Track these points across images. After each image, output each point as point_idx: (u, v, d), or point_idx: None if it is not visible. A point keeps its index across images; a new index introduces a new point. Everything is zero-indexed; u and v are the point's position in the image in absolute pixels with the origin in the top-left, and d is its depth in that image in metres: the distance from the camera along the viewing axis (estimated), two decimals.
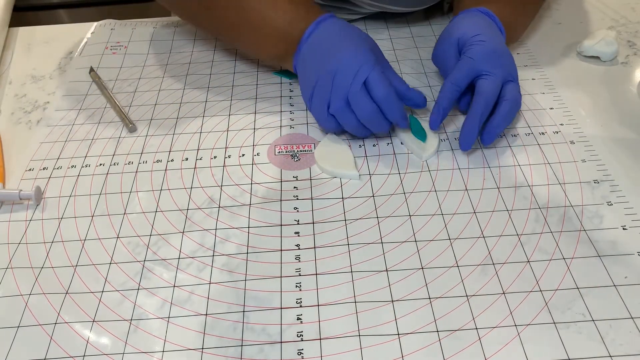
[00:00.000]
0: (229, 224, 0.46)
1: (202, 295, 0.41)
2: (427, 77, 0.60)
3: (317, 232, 0.45)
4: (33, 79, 0.64)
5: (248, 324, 0.39)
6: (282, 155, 0.52)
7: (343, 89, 0.47)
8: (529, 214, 0.45)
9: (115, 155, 0.53)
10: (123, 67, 0.64)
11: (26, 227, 0.46)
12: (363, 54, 0.48)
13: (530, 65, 0.61)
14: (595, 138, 0.52)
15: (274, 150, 0.52)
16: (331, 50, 0.49)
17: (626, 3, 0.71)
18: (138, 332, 0.39)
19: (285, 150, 0.52)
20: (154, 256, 0.44)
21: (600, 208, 0.45)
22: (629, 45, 0.63)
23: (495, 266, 0.41)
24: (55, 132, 0.56)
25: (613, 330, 0.37)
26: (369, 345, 0.37)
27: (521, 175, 0.48)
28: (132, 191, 0.49)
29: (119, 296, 0.41)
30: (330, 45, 0.50)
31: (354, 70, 0.47)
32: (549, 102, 0.56)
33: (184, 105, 0.58)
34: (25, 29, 0.72)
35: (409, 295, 0.40)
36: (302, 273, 0.42)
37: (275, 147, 0.53)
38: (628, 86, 0.58)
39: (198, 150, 0.53)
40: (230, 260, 0.43)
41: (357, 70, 0.47)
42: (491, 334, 0.37)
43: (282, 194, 0.48)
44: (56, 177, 0.51)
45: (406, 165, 0.50)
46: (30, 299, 0.41)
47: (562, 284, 0.40)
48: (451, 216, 0.45)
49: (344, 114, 0.48)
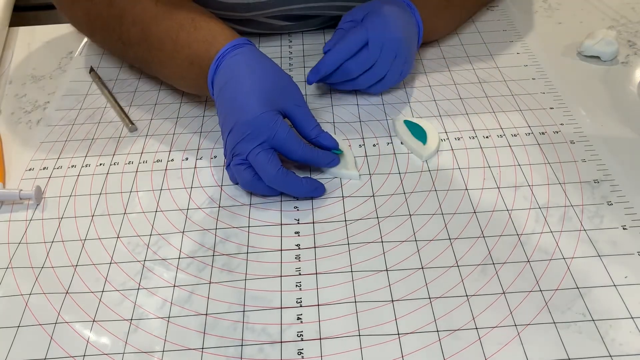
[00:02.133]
0: (229, 223, 0.46)
1: (202, 295, 0.41)
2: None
3: (317, 231, 0.45)
4: (33, 79, 0.64)
5: (248, 324, 0.39)
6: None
7: (243, 150, 0.45)
8: (529, 214, 0.45)
9: (115, 155, 0.53)
10: (123, 67, 0.64)
11: (26, 227, 0.46)
12: (262, 112, 0.44)
13: (530, 65, 0.61)
14: (595, 138, 0.52)
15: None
16: (232, 100, 0.46)
17: (626, 3, 0.71)
18: (138, 332, 0.39)
19: None
20: (154, 256, 0.44)
21: (600, 208, 0.45)
22: (629, 45, 0.63)
23: (495, 266, 0.41)
24: (55, 132, 0.56)
25: (613, 330, 0.37)
26: (369, 345, 0.37)
27: (521, 175, 0.48)
28: (132, 191, 0.49)
29: (119, 296, 0.41)
30: (235, 88, 0.46)
31: (253, 134, 0.44)
32: (549, 102, 0.56)
33: (183, 105, 0.58)
34: (25, 29, 0.72)
35: (409, 295, 0.40)
36: (302, 273, 0.42)
37: None
38: (628, 86, 0.58)
39: (198, 150, 0.53)
40: (230, 260, 0.43)
41: (258, 135, 0.44)
42: (491, 334, 0.37)
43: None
44: (56, 177, 0.51)
45: (406, 165, 0.50)
46: (31, 299, 0.41)
47: (562, 284, 0.40)
48: (451, 216, 0.45)
49: (239, 171, 0.46)
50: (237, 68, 0.47)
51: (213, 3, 0.58)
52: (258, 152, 0.44)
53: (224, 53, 0.48)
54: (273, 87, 0.46)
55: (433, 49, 0.64)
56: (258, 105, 0.45)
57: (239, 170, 0.46)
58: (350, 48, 0.52)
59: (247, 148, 0.44)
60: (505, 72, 0.60)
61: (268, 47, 0.66)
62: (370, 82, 0.55)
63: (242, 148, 0.45)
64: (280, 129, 0.45)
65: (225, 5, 0.59)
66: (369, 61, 0.53)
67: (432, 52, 0.64)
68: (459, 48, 0.64)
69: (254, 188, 0.46)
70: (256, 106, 0.44)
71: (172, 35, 0.51)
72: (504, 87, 0.58)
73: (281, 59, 0.64)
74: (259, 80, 0.46)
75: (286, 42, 0.67)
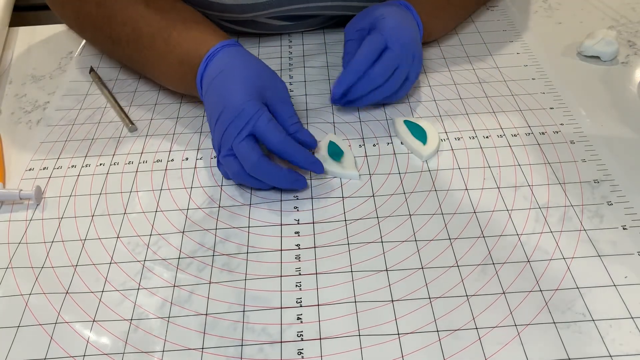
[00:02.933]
0: (229, 223, 0.46)
1: (202, 295, 0.41)
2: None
3: (317, 232, 0.45)
4: (33, 79, 0.64)
5: (248, 324, 0.39)
6: None
7: (228, 139, 0.46)
8: (529, 214, 0.45)
9: (115, 155, 0.53)
10: (123, 67, 0.64)
11: (26, 227, 0.46)
12: (247, 100, 0.46)
13: (530, 65, 0.61)
14: (595, 138, 0.52)
15: None
16: (221, 89, 0.47)
17: (626, 3, 0.71)
18: (138, 332, 0.39)
19: None
20: (154, 256, 0.44)
21: (600, 208, 0.45)
22: (629, 45, 0.63)
23: (495, 266, 0.41)
24: (55, 132, 0.56)
25: (613, 330, 0.37)
26: (369, 345, 0.37)
27: (521, 175, 0.48)
28: (132, 191, 0.49)
29: (119, 296, 0.41)
30: (224, 79, 0.48)
31: (236, 120, 0.45)
32: (549, 102, 0.56)
33: (183, 105, 0.58)
34: (25, 29, 0.72)
35: (409, 295, 0.40)
36: (302, 273, 0.42)
37: None
38: (628, 86, 0.58)
39: (198, 150, 0.53)
40: (230, 260, 0.43)
41: (241, 121, 0.45)
42: (491, 334, 0.37)
43: (282, 193, 0.48)
44: (56, 177, 0.51)
45: (406, 165, 0.50)
46: (31, 299, 0.41)
47: (562, 284, 0.40)
48: (451, 216, 0.45)
49: (228, 162, 0.46)
50: (228, 62, 0.49)
51: (210, 5, 0.59)
52: (240, 141, 0.45)
53: (214, 52, 0.50)
54: (261, 82, 0.48)
55: (433, 49, 0.64)
56: (244, 94, 0.46)
57: (229, 162, 0.46)
58: (371, 54, 0.51)
59: (231, 136, 0.45)
60: (505, 72, 0.60)
61: (268, 47, 0.66)
62: (395, 86, 0.53)
63: (228, 137, 0.46)
64: (263, 116, 0.45)
65: (223, 6, 0.59)
66: (394, 63, 0.52)
67: (432, 52, 0.64)
68: (459, 48, 0.64)
69: (244, 179, 0.47)
70: (243, 94, 0.46)
71: (164, 34, 0.52)
72: (504, 87, 0.58)
73: (281, 59, 0.64)
74: (248, 73, 0.48)
75: (286, 42, 0.67)
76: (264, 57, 0.64)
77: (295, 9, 0.61)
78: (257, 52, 0.65)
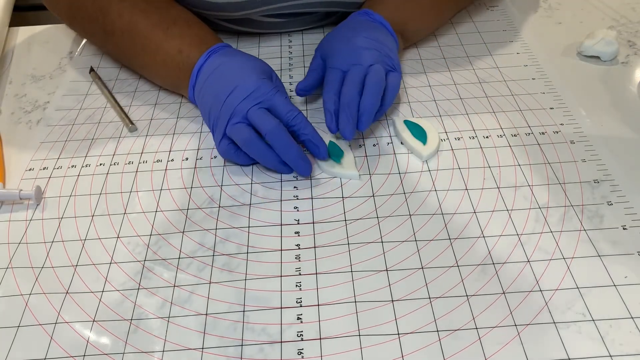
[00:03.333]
0: (229, 223, 0.46)
1: (202, 295, 0.41)
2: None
3: (317, 231, 0.45)
4: (33, 79, 0.64)
5: (248, 324, 0.39)
6: None
7: (243, 108, 0.47)
8: (529, 214, 0.45)
9: (115, 155, 0.53)
10: (123, 66, 0.64)
11: (26, 227, 0.46)
12: (262, 79, 0.49)
13: (530, 65, 0.61)
14: (595, 138, 0.52)
15: None
16: (229, 74, 0.50)
17: (626, 3, 0.71)
18: (138, 332, 0.39)
19: None
20: (154, 256, 0.44)
21: (600, 208, 0.45)
22: (629, 45, 0.63)
23: (495, 266, 0.41)
24: (55, 132, 0.56)
25: (613, 330, 0.37)
26: (369, 345, 0.37)
27: (521, 175, 0.48)
28: (132, 191, 0.49)
29: (119, 296, 0.41)
30: (232, 65, 0.50)
31: (254, 93, 0.48)
32: (549, 102, 0.56)
33: (183, 105, 0.58)
34: (25, 29, 0.72)
35: (409, 295, 0.40)
36: (302, 273, 0.42)
37: None
38: (628, 86, 0.58)
39: (198, 150, 0.53)
40: (230, 260, 0.43)
41: (259, 95, 0.48)
42: (491, 334, 0.37)
43: (282, 193, 0.48)
44: (56, 177, 0.51)
45: (406, 165, 0.50)
46: (31, 299, 0.41)
47: (562, 284, 0.40)
48: (451, 216, 0.45)
49: (238, 130, 0.47)
50: (232, 53, 0.52)
51: (204, 4, 0.59)
52: (259, 107, 0.47)
53: (217, 48, 0.53)
54: (268, 69, 0.52)
55: (433, 49, 0.64)
56: (258, 76, 0.49)
57: (239, 129, 0.47)
58: (332, 87, 0.51)
59: (247, 105, 0.47)
60: (505, 72, 0.60)
61: (268, 47, 0.66)
62: (393, 96, 0.52)
63: (243, 106, 0.47)
64: (279, 93, 0.48)
65: (216, 5, 0.59)
66: (361, 76, 0.50)
67: (432, 52, 0.64)
68: (459, 48, 0.64)
69: (251, 147, 0.47)
70: (258, 75, 0.49)
71: (164, 26, 0.54)
72: (504, 87, 0.58)
73: (281, 58, 0.64)
74: (255, 62, 0.51)
75: (286, 42, 0.67)
76: (264, 57, 0.63)
77: (285, 6, 0.61)
78: (257, 52, 0.65)
